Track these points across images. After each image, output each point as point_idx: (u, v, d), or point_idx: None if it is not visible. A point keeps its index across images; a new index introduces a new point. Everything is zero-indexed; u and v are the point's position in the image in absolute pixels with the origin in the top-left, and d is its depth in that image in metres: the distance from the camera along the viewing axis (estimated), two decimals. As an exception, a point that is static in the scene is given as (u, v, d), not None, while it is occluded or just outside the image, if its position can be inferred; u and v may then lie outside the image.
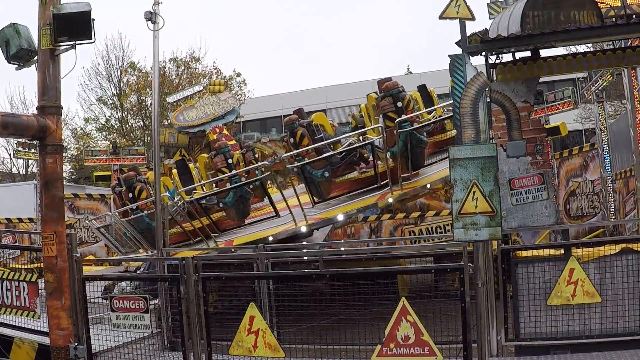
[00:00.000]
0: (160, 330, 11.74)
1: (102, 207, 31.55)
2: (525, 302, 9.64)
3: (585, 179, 26.36)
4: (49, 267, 10.28)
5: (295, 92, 55.14)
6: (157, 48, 13.01)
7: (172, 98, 34.05)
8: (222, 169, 17.42)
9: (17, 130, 10.23)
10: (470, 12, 9.37)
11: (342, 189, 16.37)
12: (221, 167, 17.49)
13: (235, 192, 16.52)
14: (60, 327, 10.26)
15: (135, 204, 17.55)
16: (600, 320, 9.45)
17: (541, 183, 9.65)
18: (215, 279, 10.32)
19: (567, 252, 9.61)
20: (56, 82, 10.38)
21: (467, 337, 8.44)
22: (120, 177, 19.46)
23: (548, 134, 24.80)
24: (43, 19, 10.19)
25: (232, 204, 16.63)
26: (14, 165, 54.35)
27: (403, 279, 11.58)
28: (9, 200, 34.86)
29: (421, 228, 23.04)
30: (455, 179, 8.73)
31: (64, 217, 10.70)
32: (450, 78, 9.55)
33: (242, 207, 16.94)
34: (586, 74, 25.62)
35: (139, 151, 33.11)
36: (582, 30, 9.41)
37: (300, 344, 9.68)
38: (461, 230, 8.73)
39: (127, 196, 18.11)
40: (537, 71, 9.87)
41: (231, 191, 16.47)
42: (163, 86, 39.85)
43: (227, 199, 16.60)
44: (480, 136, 9.15)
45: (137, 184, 17.96)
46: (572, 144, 38.17)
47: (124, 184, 18.43)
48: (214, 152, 17.89)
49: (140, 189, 17.86)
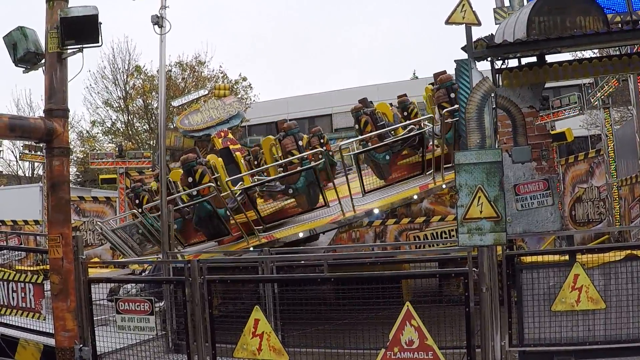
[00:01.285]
0: (165, 333, 11.74)
1: (107, 209, 31.62)
2: (529, 307, 9.63)
3: (591, 185, 26.34)
4: (54, 269, 10.31)
5: (301, 97, 55.24)
6: (164, 52, 13.05)
7: (176, 102, 34.18)
8: (291, 151, 16.69)
9: (24, 133, 10.26)
10: (476, 17, 9.38)
11: (401, 171, 17.60)
12: (291, 149, 16.72)
13: (307, 176, 16.08)
14: (66, 328, 10.28)
15: (195, 188, 15.71)
16: (605, 327, 9.42)
17: (546, 189, 9.65)
18: (220, 281, 10.32)
19: (571, 258, 9.60)
20: (63, 85, 10.41)
21: (471, 342, 8.44)
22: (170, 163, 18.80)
23: (554, 139, 24.84)
24: (50, 22, 10.22)
25: (303, 190, 16.17)
26: (20, 167, 54.53)
27: (407, 283, 11.60)
28: (14, 203, 34.96)
29: (426, 233, 23.10)
30: (461, 184, 8.73)
31: (70, 219, 10.73)
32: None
33: (312, 193, 16.48)
34: (592, 80, 25.62)
35: (144, 154, 33.15)
36: (588, 36, 9.42)
37: (304, 347, 9.68)
38: (466, 235, 8.73)
39: (186, 181, 16.27)
40: (543, 77, 9.87)
41: (302, 176, 16.10)
42: (169, 90, 39.95)
43: (298, 184, 16.06)
44: (486, 141, 9.15)
45: (198, 167, 15.99)
46: (577, 149, 38.08)
47: (182, 168, 16.57)
48: (283, 133, 16.99)
49: (202, 173, 15.89)
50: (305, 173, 15.98)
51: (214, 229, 15.78)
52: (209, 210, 15.38)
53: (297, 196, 16.27)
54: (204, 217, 15.58)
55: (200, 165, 15.85)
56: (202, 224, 15.99)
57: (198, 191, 15.53)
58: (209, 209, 15.37)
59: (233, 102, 32.31)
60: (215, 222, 15.54)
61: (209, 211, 15.39)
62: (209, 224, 15.71)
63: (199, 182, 15.64)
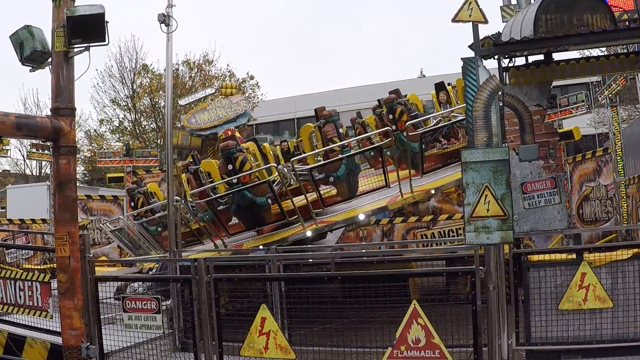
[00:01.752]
0: (172, 331, 11.75)
1: (115, 208, 31.64)
2: (536, 306, 9.61)
3: (598, 184, 26.24)
4: (61, 268, 10.32)
5: (308, 95, 55.21)
6: (170, 50, 13.06)
7: (183, 101, 34.18)
8: (332, 138, 16.12)
9: (31, 132, 10.27)
10: (483, 15, 9.36)
11: (431, 161, 17.79)
12: (332, 136, 16.14)
13: (348, 164, 15.83)
14: (73, 327, 10.29)
15: (236, 176, 15.26)
16: (612, 325, 9.40)
17: (553, 187, 9.64)
18: (227, 280, 10.32)
19: (579, 256, 9.58)
20: (70, 84, 10.41)
21: (478, 340, 8.41)
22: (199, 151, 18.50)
23: (561, 138, 24.77)
24: (57, 21, 10.23)
25: (344, 178, 15.82)
26: (27, 166, 54.65)
27: (414, 281, 11.58)
28: (22, 202, 35.04)
29: (433, 231, 23.07)
30: (468, 182, 8.72)
31: (77, 218, 10.74)
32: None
33: (352, 182, 16.26)
34: (599, 78, 25.55)
35: (152, 153, 33.18)
36: (595, 33, 9.39)
37: (311, 346, 9.68)
38: (473, 233, 8.72)
39: (225, 169, 15.69)
40: (550, 75, 9.86)
41: (343, 163, 15.74)
42: (176, 89, 39.95)
43: (339, 172, 15.65)
44: (493, 139, 9.13)
45: (239, 154, 15.63)
46: (585, 148, 38.02)
47: (221, 155, 16.09)
48: (323, 120, 16.49)
49: (242, 160, 15.54)
50: (347, 161, 15.77)
51: (253, 217, 15.60)
52: (249, 199, 15.16)
53: (338, 184, 15.96)
54: (244, 206, 15.36)
55: (241, 153, 15.64)
56: (241, 213, 15.80)
57: (238, 179, 15.22)
58: (250, 198, 15.15)
59: (240, 100, 32.26)
60: (256, 211, 15.36)
61: (249, 200, 15.17)
62: (249, 212, 15.54)
63: (240, 169, 15.39)
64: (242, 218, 16.08)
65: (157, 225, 18.57)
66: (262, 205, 15.25)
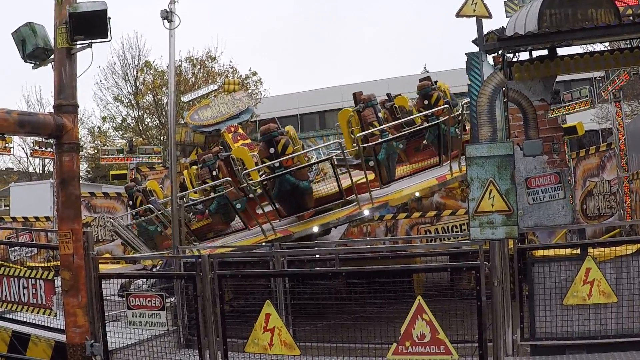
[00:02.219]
0: (176, 328, 11.76)
1: (118, 205, 31.64)
2: (541, 301, 9.60)
3: (602, 179, 26.23)
4: (65, 265, 10.33)
5: (311, 91, 55.22)
6: (173, 47, 13.03)
7: (186, 97, 34.14)
8: (372, 122, 16.18)
9: (34, 129, 10.27)
10: (487, 10, 9.31)
11: None
12: (372, 120, 16.18)
13: (387, 149, 15.98)
14: (77, 324, 10.30)
15: (278, 159, 14.80)
16: (616, 320, 9.39)
17: (558, 182, 9.60)
18: (231, 276, 10.32)
19: (583, 251, 9.56)
20: (72, 80, 10.42)
21: (482, 336, 8.41)
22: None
23: (564, 133, 24.72)
24: (59, 17, 10.23)
25: (383, 162, 15.99)
26: (30, 164, 54.76)
27: (418, 277, 11.57)
28: (25, 199, 35.10)
29: (437, 227, 23.04)
30: (472, 178, 8.70)
31: (81, 215, 10.74)
32: (467, 76, 9.52)
33: (391, 166, 16.60)
34: (603, 73, 25.49)
35: (155, 150, 33.16)
36: (600, 28, 9.35)
37: (315, 342, 9.69)
38: (477, 228, 8.71)
39: (267, 152, 15.16)
40: (554, 69, 9.81)
41: (382, 148, 15.88)
42: (179, 85, 39.95)
43: (380, 156, 15.82)
44: (497, 134, 9.10)
45: (281, 137, 15.19)
46: (588, 143, 37.97)
47: (261, 138, 15.61)
48: (362, 104, 16.39)
49: (285, 144, 15.12)
50: (386, 145, 15.88)
51: (296, 202, 15.44)
52: (292, 183, 14.78)
53: (379, 168, 16.05)
54: (286, 191, 14.98)
55: (282, 136, 15.24)
56: (283, 198, 15.41)
57: (281, 162, 14.80)
58: (293, 182, 14.77)
59: (243, 97, 32.22)
60: (298, 196, 15.19)
61: (292, 184, 14.79)
62: (291, 197, 15.28)
63: (282, 153, 14.96)
64: (283, 203, 15.70)
65: (159, 224, 18.42)
66: (304, 189, 15.08)
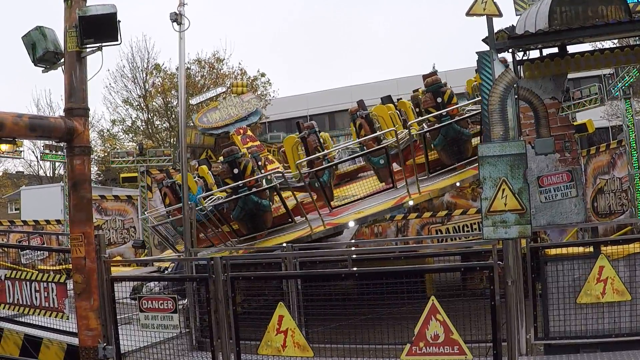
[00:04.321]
0: (189, 331, 11.75)
1: (129, 208, 31.71)
2: (554, 300, 9.58)
3: (612, 177, 26.12)
4: (77, 268, 10.33)
5: (320, 92, 55.08)
6: (183, 49, 13.04)
7: (194, 100, 34.19)
8: (317, 147, 16.75)
9: (45, 133, 10.29)
10: (497, 8, 9.27)
11: None
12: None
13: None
14: (89, 327, 10.30)
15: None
16: (630, 319, 9.36)
17: (570, 180, 9.58)
18: (244, 278, 10.31)
19: (596, 249, 9.53)
20: (83, 84, 10.42)
21: (497, 335, 8.37)
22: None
23: (575, 131, 24.63)
24: (69, 21, 10.23)
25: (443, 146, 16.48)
26: (41, 167, 54.92)
27: (430, 277, 11.55)
28: (36, 203, 35.20)
29: (448, 227, 23.00)
30: (484, 177, 8.66)
31: (92, 218, 10.74)
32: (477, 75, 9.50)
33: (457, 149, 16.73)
34: (612, 71, 25.37)
35: (165, 152, 33.17)
36: (610, 25, 9.32)
37: (329, 343, 9.67)
38: (490, 228, 8.66)
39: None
40: (565, 67, 9.80)
41: (440, 133, 16.27)
42: (188, 88, 39.97)
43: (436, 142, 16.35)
44: (509, 133, 9.06)
45: (242, 159, 15.92)
46: (598, 141, 37.80)
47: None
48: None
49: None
50: (445, 131, 16.16)
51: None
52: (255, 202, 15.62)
53: (441, 151, 16.53)
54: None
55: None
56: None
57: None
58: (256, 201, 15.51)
59: (251, 99, 32.33)
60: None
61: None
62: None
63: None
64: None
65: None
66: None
